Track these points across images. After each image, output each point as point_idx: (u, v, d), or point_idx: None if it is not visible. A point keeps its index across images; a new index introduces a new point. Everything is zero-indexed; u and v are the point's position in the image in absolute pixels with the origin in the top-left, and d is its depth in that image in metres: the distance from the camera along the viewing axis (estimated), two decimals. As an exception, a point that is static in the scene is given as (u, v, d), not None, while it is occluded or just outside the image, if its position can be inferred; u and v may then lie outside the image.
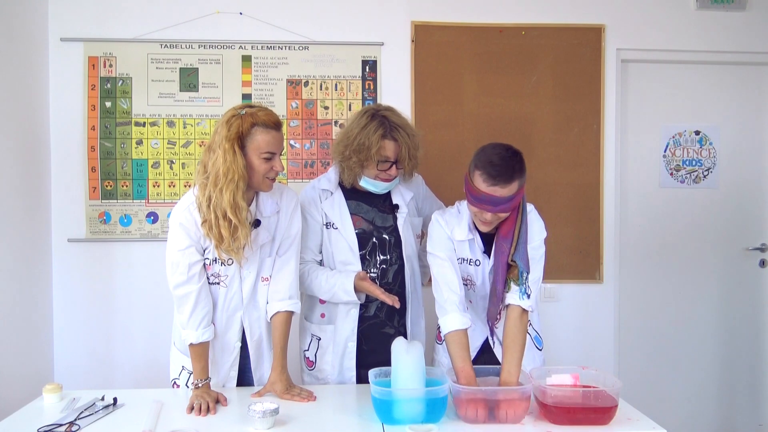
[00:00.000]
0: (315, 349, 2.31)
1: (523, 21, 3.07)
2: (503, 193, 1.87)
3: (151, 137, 2.99)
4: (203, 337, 1.98)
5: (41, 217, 2.92)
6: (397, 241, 2.29)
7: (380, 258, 2.27)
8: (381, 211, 2.30)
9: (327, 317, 2.30)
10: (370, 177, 2.21)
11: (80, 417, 1.81)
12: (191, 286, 1.96)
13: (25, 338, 2.78)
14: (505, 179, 1.87)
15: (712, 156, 3.27)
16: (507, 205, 1.90)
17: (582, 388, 1.84)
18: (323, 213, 2.26)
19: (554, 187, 3.09)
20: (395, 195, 2.32)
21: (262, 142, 1.91)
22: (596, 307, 3.16)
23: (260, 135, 1.91)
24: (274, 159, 1.94)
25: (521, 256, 1.96)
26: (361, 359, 2.26)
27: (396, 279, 2.29)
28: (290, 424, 1.77)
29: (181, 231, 1.94)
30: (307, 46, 3.01)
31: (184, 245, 1.95)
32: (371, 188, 2.25)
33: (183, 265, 1.95)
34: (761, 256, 3.31)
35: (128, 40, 2.96)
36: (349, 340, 2.26)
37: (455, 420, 1.80)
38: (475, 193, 1.91)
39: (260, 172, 1.92)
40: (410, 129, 2.23)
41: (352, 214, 2.26)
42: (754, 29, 3.16)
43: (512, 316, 1.97)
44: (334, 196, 2.28)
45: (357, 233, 2.25)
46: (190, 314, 1.97)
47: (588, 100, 3.10)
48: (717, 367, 3.31)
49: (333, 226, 2.25)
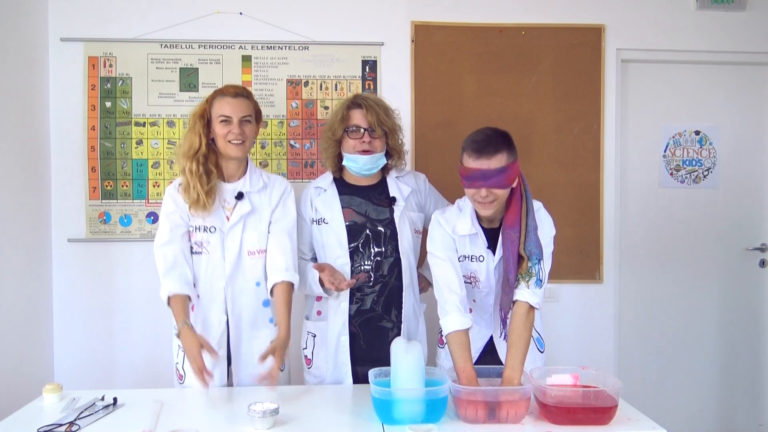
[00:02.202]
0: (312, 346, 2.32)
1: (523, 21, 3.07)
2: (491, 165, 1.90)
3: (151, 137, 2.99)
4: (182, 290, 2.11)
5: (41, 217, 2.92)
6: (393, 234, 2.30)
7: (375, 250, 2.28)
8: (376, 204, 2.32)
9: (323, 314, 2.32)
10: (349, 151, 2.26)
11: (80, 417, 1.81)
12: (172, 246, 2.16)
13: (25, 338, 2.78)
14: (490, 151, 1.91)
15: (712, 156, 3.27)
16: (499, 178, 1.91)
17: (582, 388, 1.84)
18: (315, 209, 2.31)
19: (554, 187, 3.09)
20: (392, 188, 2.34)
21: (218, 108, 2.19)
22: (596, 307, 3.15)
23: (217, 102, 2.20)
24: (230, 123, 2.17)
25: (534, 244, 1.96)
26: (358, 355, 2.27)
27: (392, 272, 2.30)
28: (290, 424, 1.77)
29: (170, 199, 2.22)
30: (307, 46, 3.01)
31: (170, 210, 2.20)
32: (353, 165, 2.28)
33: (166, 226, 2.19)
34: (761, 256, 3.31)
35: (128, 40, 2.96)
36: (341, 334, 2.27)
37: (455, 420, 1.80)
38: (466, 172, 1.94)
39: (220, 135, 2.17)
40: (381, 102, 2.35)
41: (344, 207, 2.30)
42: (754, 29, 3.16)
43: (519, 312, 1.96)
44: (327, 192, 2.33)
45: (348, 225, 2.28)
46: (169, 269, 2.13)
47: (588, 100, 3.10)
48: (717, 367, 3.31)
49: (323, 221, 2.29)
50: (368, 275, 2.27)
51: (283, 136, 3.02)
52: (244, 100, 2.22)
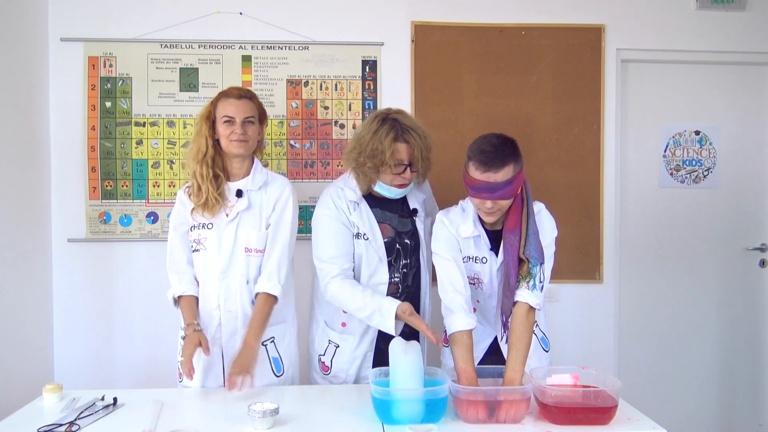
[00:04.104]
0: (332, 355, 2.31)
1: (523, 21, 3.07)
2: (497, 178, 1.89)
3: (151, 137, 2.99)
4: (190, 290, 2.20)
5: (41, 217, 2.92)
6: (416, 245, 2.30)
7: (402, 263, 2.27)
8: (401, 216, 2.31)
9: (348, 327, 2.29)
10: (386, 182, 2.20)
11: (80, 417, 1.81)
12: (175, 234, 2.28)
13: (25, 338, 2.78)
14: (497, 165, 1.88)
15: (712, 156, 3.27)
16: (505, 191, 1.91)
17: (582, 388, 1.84)
18: (354, 224, 2.24)
19: (554, 187, 3.09)
20: (411, 199, 2.33)
21: (221, 109, 2.23)
22: (596, 307, 3.15)
23: (221, 103, 2.24)
24: (233, 123, 2.21)
25: (533, 248, 1.96)
26: (379, 360, 2.25)
27: (414, 282, 2.31)
28: (290, 424, 1.77)
29: (179, 202, 2.31)
30: (307, 46, 3.01)
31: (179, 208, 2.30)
32: (386, 194, 2.24)
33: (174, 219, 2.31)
34: (761, 256, 3.31)
35: (128, 40, 2.96)
36: (369, 351, 2.28)
37: (455, 420, 1.80)
38: (471, 182, 1.92)
39: (223, 135, 2.22)
40: (421, 130, 2.21)
41: (379, 223, 2.26)
42: (754, 29, 3.16)
43: (519, 313, 1.96)
44: (362, 207, 2.26)
45: (385, 242, 2.25)
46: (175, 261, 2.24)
47: (588, 100, 3.10)
48: (717, 367, 3.31)
49: (364, 237, 2.23)
50: (398, 288, 2.26)
51: (283, 136, 3.02)
52: (248, 102, 2.25)
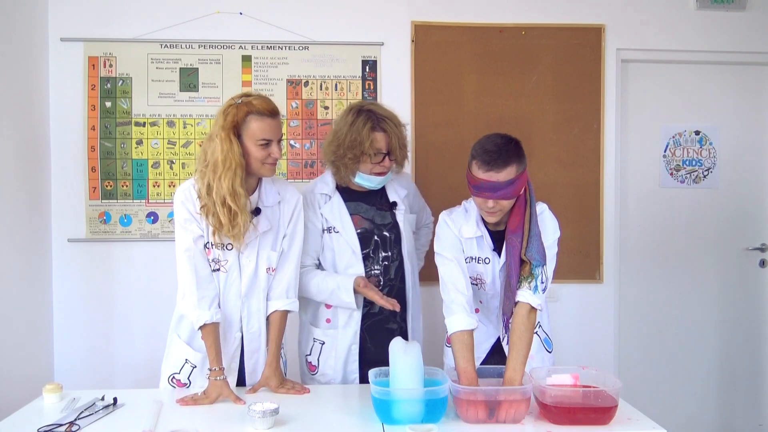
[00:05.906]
0: (318, 353, 2.31)
1: (523, 21, 3.07)
2: (500, 177, 1.89)
3: (151, 137, 2.99)
4: (216, 317, 1.99)
5: (41, 217, 2.92)
6: (397, 238, 2.30)
7: (382, 255, 2.28)
8: (379, 209, 2.32)
9: (332, 322, 2.30)
10: (365, 172, 2.23)
11: (80, 417, 1.81)
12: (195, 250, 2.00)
13: (25, 338, 2.78)
14: (500, 164, 1.89)
15: (712, 156, 3.27)
16: (507, 191, 1.91)
17: (582, 388, 1.83)
18: (323, 218, 2.26)
19: (554, 187, 3.09)
20: (390, 192, 2.34)
21: (257, 130, 1.96)
22: (596, 307, 3.16)
23: (255, 123, 1.96)
24: (270, 145, 1.98)
25: (535, 249, 1.96)
26: (365, 357, 2.27)
27: (397, 275, 2.31)
28: (290, 424, 1.77)
29: (182, 207, 2.01)
30: (307, 46, 3.01)
31: (186, 217, 2.01)
32: (366, 184, 2.26)
33: (188, 231, 2.01)
34: (761, 256, 3.31)
35: (128, 40, 2.96)
36: (353, 343, 2.27)
37: (455, 420, 1.80)
38: (474, 181, 1.93)
39: (258, 158, 1.97)
40: (396, 119, 2.25)
41: (352, 215, 2.27)
42: (754, 29, 3.16)
43: (520, 313, 1.96)
44: (333, 200, 2.28)
45: (359, 233, 2.25)
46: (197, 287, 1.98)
47: (588, 100, 3.10)
48: (717, 367, 3.31)
49: (334, 230, 2.25)
50: (378, 280, 2.27)
51: (283, 136, 3.02)
52: (278, 118, 2.03)
